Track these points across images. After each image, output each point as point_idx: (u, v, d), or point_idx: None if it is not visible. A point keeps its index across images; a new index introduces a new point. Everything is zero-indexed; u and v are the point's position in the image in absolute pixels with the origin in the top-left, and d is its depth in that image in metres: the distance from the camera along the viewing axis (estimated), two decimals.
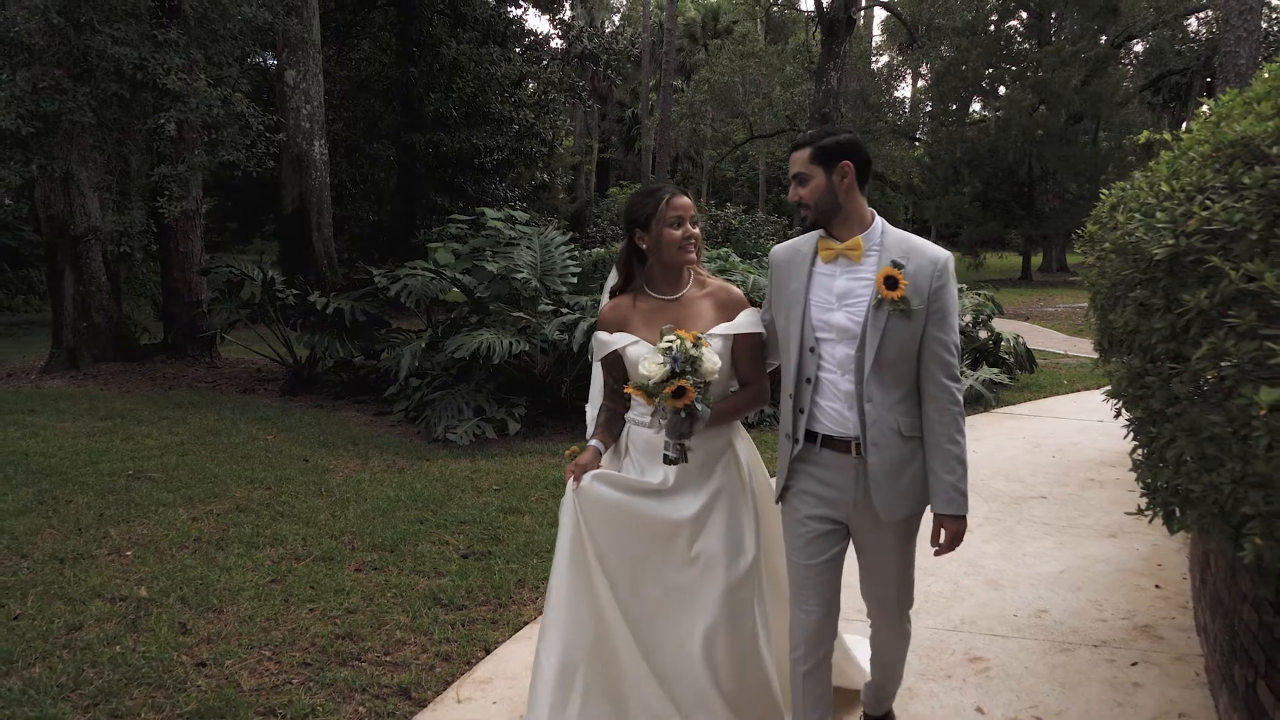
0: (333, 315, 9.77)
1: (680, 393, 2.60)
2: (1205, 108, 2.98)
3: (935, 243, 2.71)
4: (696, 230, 2.85)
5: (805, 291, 2.68)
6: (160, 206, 10.36)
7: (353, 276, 11.40)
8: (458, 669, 3.77)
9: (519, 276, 8.43)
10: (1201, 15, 32.01)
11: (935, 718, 3.37)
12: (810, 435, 2.72)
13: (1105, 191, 3.15)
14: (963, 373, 9.72)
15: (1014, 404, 9.57)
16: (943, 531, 2.69)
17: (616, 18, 49.74)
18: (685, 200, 2.84)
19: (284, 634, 4.07)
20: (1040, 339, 14.48)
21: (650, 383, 2.62)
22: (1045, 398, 9.92)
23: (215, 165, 10.44)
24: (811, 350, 2.68)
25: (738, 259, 10.98)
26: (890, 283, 2.54)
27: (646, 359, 2.66)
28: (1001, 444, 7.74)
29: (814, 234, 2.72)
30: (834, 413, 2.67)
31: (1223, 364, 1.82)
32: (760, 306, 2.98)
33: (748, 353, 2.90)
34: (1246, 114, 2.34)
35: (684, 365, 2.62)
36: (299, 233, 16.07)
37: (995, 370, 10.01)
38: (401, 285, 9.12)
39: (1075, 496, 6.15)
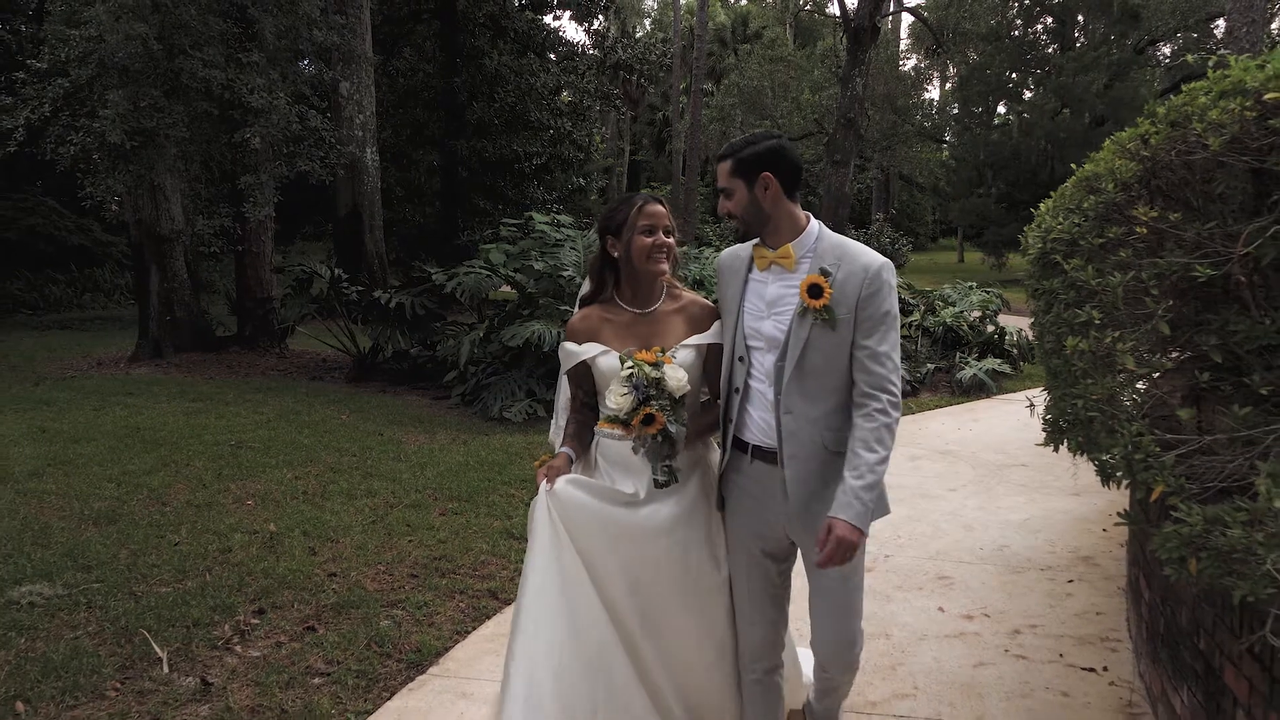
0: (395, 309, 10.86)
1: (650, 420, 2.61)
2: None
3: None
4: (670, 240, 2.76)
5: (740, 299, 2.65)
6: (245, 211, 11.53)
7: (411, 275, 12.45)
8: None
9: (565, 274, 9.44)
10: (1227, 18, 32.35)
11: (905, 613, 4.35)
12: (741, 445, 2.68)
13: (1037, 207, 4.06)
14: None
15: (1014, 391, 10.44)
16: (831, 532, 2.39)
17: (648, 22, 50.85)
18: (659, 208, 2.76)
19: (392, 556, 5.12)
20: None
21: (620, 414, 2.64)
22: (1044, 386, 10.75)
23: (293, 175, 11.56)
24: (740, 359, 2.63)
25: None
26: (814, 291, 2.47)
27: (611, 391, 2.65)
28: (995, 423, 8.66)
29: (754, 240, 2.66)
30: (763, 422, 2.61)
31: (1060, 325, 2.79)
32: None
33: (720, 363, 2.82)
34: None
35: (648, 390, 2.61)
36: (353, 234, 17.29)
37: (998, 361, 10.90)
38: (457, 282, 10.16)
39: (1052, 464, 7.01)
